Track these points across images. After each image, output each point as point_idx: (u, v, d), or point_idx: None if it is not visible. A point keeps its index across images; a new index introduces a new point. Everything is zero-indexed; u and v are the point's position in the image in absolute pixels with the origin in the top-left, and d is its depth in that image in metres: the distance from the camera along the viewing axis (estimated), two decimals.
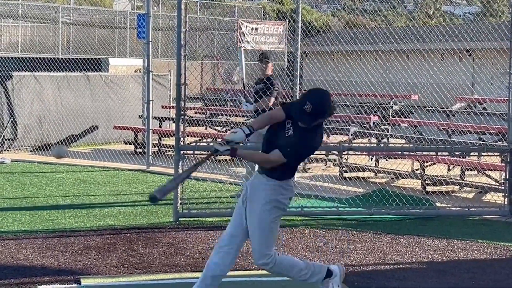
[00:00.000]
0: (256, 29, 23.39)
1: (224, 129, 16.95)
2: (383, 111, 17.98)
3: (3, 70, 16.92)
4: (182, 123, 9.47)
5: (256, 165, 5.87)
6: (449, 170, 13.25)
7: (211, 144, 15.10)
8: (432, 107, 17.16)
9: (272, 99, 10.87)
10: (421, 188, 11.77)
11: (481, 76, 22.29)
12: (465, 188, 11.93)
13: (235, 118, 18.71)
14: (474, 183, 11.93)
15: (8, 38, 31.52)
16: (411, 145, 12.15)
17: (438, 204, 10.51)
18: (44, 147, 15.94)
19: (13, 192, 11.19)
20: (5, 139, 15.60)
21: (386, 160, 13.66)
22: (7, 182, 12.06)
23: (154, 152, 14.57)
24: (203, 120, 17.93)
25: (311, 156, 14.12)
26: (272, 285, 6.73)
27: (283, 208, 5.69)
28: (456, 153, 11.65)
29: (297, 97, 11.63)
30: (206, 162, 5.77)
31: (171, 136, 14.71)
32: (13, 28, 31.14)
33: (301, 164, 13.61)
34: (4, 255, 7.51)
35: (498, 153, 11.83)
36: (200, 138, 15.82)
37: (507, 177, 10.18)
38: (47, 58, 19.61)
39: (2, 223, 9.00)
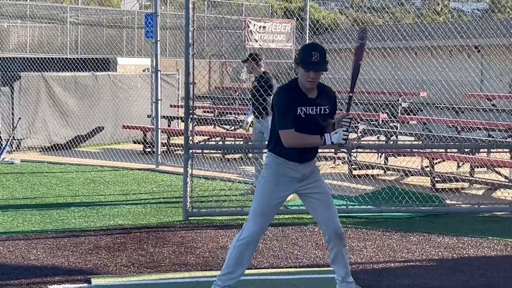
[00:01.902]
0: (264, 27, 23.41)
1: (233, 127, 16.93)
2: (391, 108, 17.95)
3: (12, 70, 16.97)
4: (190, 122, 9.47)
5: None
6: (458, 167, 13.21)
7: (221, 142, 15.15)
8: (441, 104, 17.12)
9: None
10: (430, 185, 11.74)
11: (490, 73, 22.22)
12: (474, 185, 11.90)
13: (243, 117, 18.69)
14: (484, 180, 11.90)
15: (16, 38, 31.66)
16: (420, 142, 12.12)
17: (447, 201, 10.49)
18: (53, 147, 15.99)
19: (23, 192, 11.23)
20: (14, 139, 15.64)
21: (395, 157, 13.64)
22: (17, 182, 12.09)
23: (163, 151, 14.58)
24: (211, 119, 17.94)
25: (320, 154, 14.20)
26: (281, 283, 6.73)
27: None
28: (466, 150, 11.63)
29: None
30: (216, 160, 5.86)
31: (180, 135, 14.73)
32: (22, 29, 31.28)
33: None
34: (14, 255, 7.53)
35: (508, 150, 11.80)
36: (209, 137, 15.82)
37: None
38: (55, 58, 19.66)
39: (13, 223, 9.02)
